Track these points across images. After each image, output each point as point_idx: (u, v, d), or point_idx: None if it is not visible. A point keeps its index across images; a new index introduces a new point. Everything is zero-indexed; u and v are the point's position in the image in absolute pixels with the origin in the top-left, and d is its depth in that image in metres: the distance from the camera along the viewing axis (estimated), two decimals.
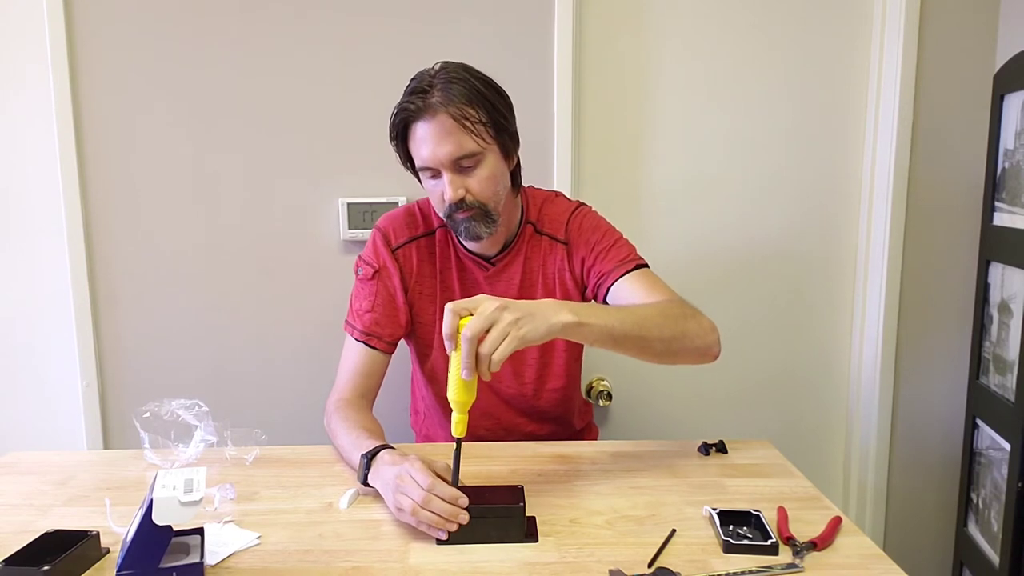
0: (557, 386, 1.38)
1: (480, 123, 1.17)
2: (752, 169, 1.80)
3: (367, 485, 1.08)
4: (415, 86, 1.19)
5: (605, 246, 1.29)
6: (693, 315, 1.18)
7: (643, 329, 1.10)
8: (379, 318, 1.31)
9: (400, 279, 1.32)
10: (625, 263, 1.27)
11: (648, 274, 1.27)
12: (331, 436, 1.26)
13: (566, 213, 1.34)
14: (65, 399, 1.81)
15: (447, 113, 1.15)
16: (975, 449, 1.65)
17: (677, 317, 1.15)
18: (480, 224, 1.22)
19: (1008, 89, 1.52)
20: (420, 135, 1.18)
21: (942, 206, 1.77)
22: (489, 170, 1.20)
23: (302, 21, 1.68)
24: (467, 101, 1.16)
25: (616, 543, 0.96)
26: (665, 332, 1.12)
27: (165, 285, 1.77)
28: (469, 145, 1.17)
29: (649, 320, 1.12)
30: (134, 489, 1.14)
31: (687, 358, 1.17)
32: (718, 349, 1.19)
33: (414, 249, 1.33)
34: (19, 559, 0.88)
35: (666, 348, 1.13)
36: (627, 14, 1.74)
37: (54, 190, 1.72)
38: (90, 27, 1.67)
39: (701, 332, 1.17)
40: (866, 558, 0.92)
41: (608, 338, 1.07)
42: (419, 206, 1.37)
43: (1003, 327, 1.54)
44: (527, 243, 1.33)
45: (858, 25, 1.76)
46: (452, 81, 1.17)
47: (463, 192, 1.19)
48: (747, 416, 1.89)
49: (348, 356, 1.32)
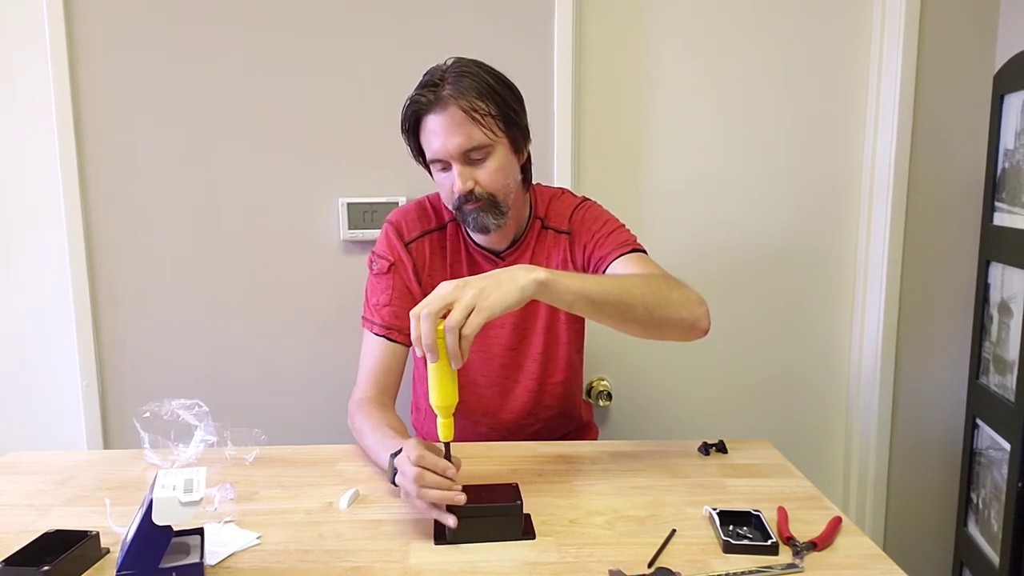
0: (560, 379, 1.39)
1: (490, 116, 1.18)
2: (752, 168, 1.80)
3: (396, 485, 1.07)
4: (427, 80, 1.20)
5: (605, 232, 1.30)
6: (678, 286, 1.15)
7: (623, 294, 1.07)
8: (398, 311, 1.30)
9: (414, 272, 1.32)
10: (623, 246, 1.27)
11: (644, 257, 1.26)
12: (356, 436, 1.26)
13: (570, 207, 1.35)
14: (65, 399, 1.81)
15: (457, 105, 1.16)
16: (975, 449, 1.65)
17: (661, 286, 1.12)
18: (488, 215, 1.22)
19: (1008, 89, 1.52)
20: (431, 127, 1.19)
21: (942, 206, 1.77)
22: (498, 162, 1.21)
23: (302, 21, 1.68)
24: (477, 94, 1.17)
25: (616, 543, 0.96)
26: (648, 299, 1.08)
27: (165, 285, 1.77)
28: (479, 137, 1.18)
29: (631, 286, 1.09)
30: (134, 489, 1.14)
31: (673, 331, 1.13)
32: (707, 322, 1.15)
33: (427, 243, 1.33)
34: (19, 559, 0.88)
35: (648, 316, 1.09)
36: (627, 14, 1.74)
37: (54, 190, 1.72)
38: (90, 27, 1.67)
39: (687, 303, 1.13)
40: (866, 558, 0.92)
41: (585, 300, 1.04)
42: (430, 200, 1.37)
43: (1003, 327, 1.54)
44: (535, 238, 1.34)
45: (858, 25, 1.76)
46: (463, 75, 1.18)
47: (472, 184, 1.20)
48: (747, 416, 1.89)
49: (368, 352, 1.32)
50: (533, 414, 1.40)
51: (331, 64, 1.70)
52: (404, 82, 1.23)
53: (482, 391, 1.37)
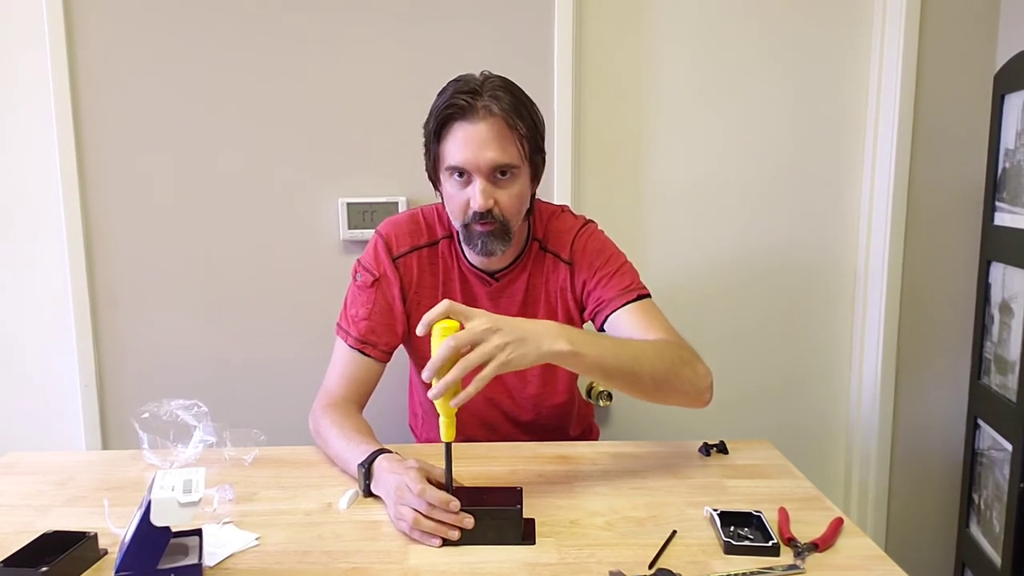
0: (558, 402, 1.37)
1: (524, 137, 1.15)
2: (752, 168, 1.80)
3: (369, 495, 1.07)
4: (461, 86, 1.15)
5: (608, 272, 1.27)
6: (690, 361, 1.17)
7: (636, 364, 1.09)
8: (375, 326, 1.28)
9: (400, 288, 1.29)
10: (627, 292, 1.25)
11: (649, 306, 1.25)
12: (320, 442, 1.23)
13: (571, 231, 1.31)
14: (65, 399, 1.80)
15: (499, 116, 1.13)
16: (977, 449, 1.65)
17: (674, 360, 1.14)
18: (497, 242, 1.19)
19: (1008, 89, 1.52)
20: (462, 135, 1.14)
21: (943, 206, 1.77)
22: (520, 188, 1.18)
23: (302, 21, 1.68)
24: (516, 112, 1.14)
25: (616, 544, 0.95)
26: (658, 373, 1.11)
27: (165, 285, 1.77)
28: (512, 155, 1.15)
29: (644, 357, 1.11)
30: (133, 490, 1.13)
31: (676, 400, 1.16)
32: (709, 396, 1.18)
33: (415, 259, 1.30)
34: (18, 560, 0.88)
35: (656, 388, 1.12)
36: (627, 15, 1.73)
37: (54, 190, 1.71)
38: (90, 27, 1.67)
39: (695, 378, 1.16)
40: (868, 559, 0.92)
41: (599, 369, 1.06)
42: (423, 214, 1.33)
43: (1004, 327, 1.54)
44: (532, 260, 1.31)
45: (858, 25, 1.75)
46: (503, 89, 1.15)
47: (492, 203, 1.16)
48: (748, 416, 1.89)
49: (339, 360, 1.29)
50: (529, 432, 1.38)
51: (331, 64, 1.69)
52: (404, 83, 1.22)
53: (480, 405, 1.35)
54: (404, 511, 0.96)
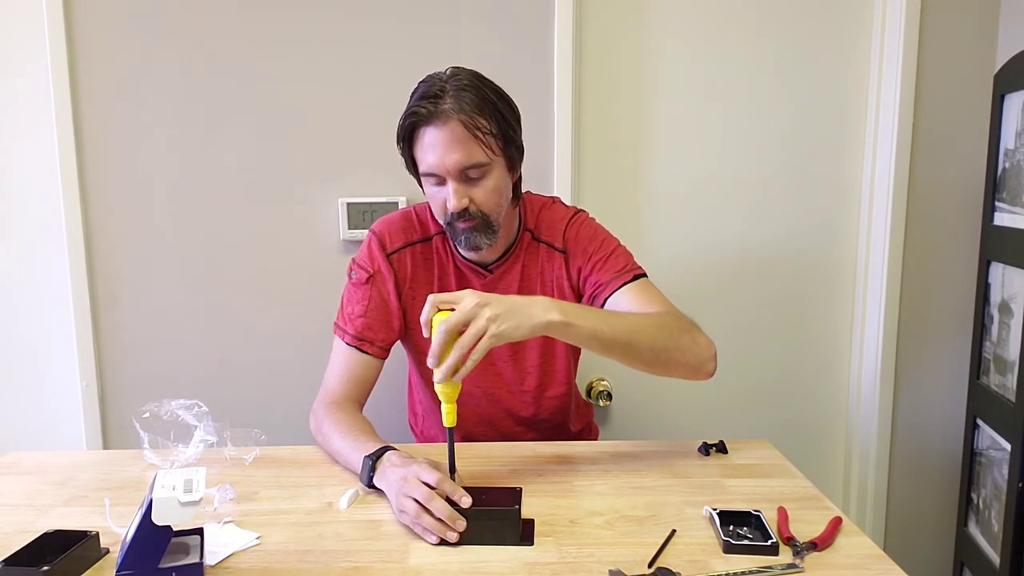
0: (558, 393, 1.38)
1: (490, 134, 1.15)
2: (752, 168, 1.80)
3: (371, 487, 1.08)
4: (425, 90, 1.16)
5: (602, 256, 1.28)
6: (689, 330, 1.17)
7: (633, 335, 1.10)
8: (371, 323, 1.29)
9: (394, 284, 1.30)
10: (623, 273, 1.26)
11: (646, 285, 1.26)
12: (321, 440, 1.24)
13: (563, 220, 1.32)
14: (65, 399, 1.81)
15: (458, 121, 1.13)
16: (975, 449, 1.65)
17: (672, 329, 1.14)
18: (481, 235, 1.21)
19: (1008, 89, 1.52)
20: (428, 140, 1.15)
21: (942, 206, 1.77)
22: (494, 182, 1.19)
23: (302, 21, 1.68)
24: (479, 110, 1.14)
25: (616, 543, 0.95)
26: (657, 342, 1.11)
27: (165, 285, 1.77)
28: (478, 155, 1.15)
29: (641, 328, 1.11)
30: (134, 489, 1.14)
31: (678, 371, 1.16)
32: (713, 366, 1.18)
33: (409, 255, 1.31)
34: (19, 559, 0.88)
35: (655, 358, 1.12)
36: (627, 14, 1.74)
37: (54, 190, 1.71)
38: (90, 27, 1.67)
39: (695, 347, 1.16)
40: (866, 558, 0.92)
41: (595, 340, 1.07)
42: (416, 211, 1.35)
43: (1003, 327, 1.54)
44: (525, 251, 1.32)
45: (858, 25, 1.76)
46: (464, 88, 1.14)
47: (467, 202, 1.17)
48: (747, 416, 1.89)
49: (338, 360, 1.30)
50: (529, 426, 1.39)
51: (331, 64, 1.70)
52: (404, 83, 1.22)
53: (479, 399, 1.36)
54: (407, 503, 0.97)
